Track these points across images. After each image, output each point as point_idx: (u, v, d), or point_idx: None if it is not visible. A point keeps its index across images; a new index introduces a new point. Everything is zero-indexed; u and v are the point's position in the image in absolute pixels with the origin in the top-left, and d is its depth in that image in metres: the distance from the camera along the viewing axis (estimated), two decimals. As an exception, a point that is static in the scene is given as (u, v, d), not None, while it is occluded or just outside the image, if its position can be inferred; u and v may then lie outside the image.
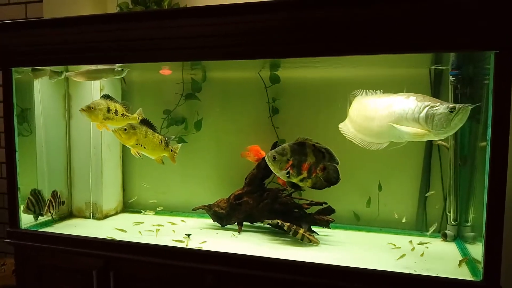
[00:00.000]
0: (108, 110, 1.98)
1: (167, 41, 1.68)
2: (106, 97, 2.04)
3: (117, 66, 2.03)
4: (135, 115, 2.10)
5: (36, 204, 2.13)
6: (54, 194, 2.14)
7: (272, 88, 2.16)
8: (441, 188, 2.01)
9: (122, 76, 2.10)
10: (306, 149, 1.78)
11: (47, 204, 2.10)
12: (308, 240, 1.83)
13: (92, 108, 1.96)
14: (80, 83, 2.25)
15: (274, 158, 1.79)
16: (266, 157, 1.82)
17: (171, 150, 2.08)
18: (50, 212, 2.09)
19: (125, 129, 1.93)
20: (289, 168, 1.77)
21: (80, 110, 1.98)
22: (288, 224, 1.87)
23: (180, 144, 2.15)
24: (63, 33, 1.80)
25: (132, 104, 2.14)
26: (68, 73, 2.12)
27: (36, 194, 2.15)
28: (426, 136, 1.65)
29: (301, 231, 1.84)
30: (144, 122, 2.01)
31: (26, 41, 1.88)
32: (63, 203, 2.20)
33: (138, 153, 1.98)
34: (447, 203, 1.98)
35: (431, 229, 1.95)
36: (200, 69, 2.21)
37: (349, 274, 1.54)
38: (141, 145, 1.97)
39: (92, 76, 2.08)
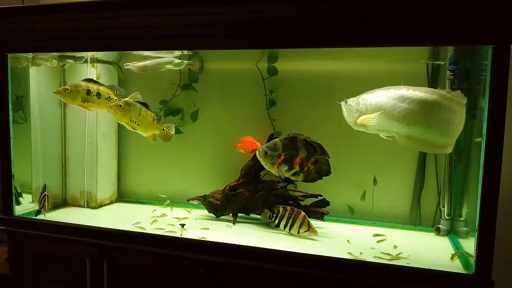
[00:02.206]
0: (88, 92, 1.96)
1: (165, 30, 1.66)
2: (88, 80, 2.00)
3: (176, 58, 2.02)
4: (127, 99, 2.06)
5: None
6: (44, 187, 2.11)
7: (269, 80, 2.16)
8: (436, 182, 2.02)
9: (181, 68, 2.07)
10: (297, 143, 1.78)
11: (43, 198, 2.07)
12: (308, 227, 1.83)
13: (68, 90, 1.93)
14: (76, 70, 2.23)
15: (266, 153, 1.80)
16: (258, 152, 1.82)
17: (163, 129, 2.08)
18: (44, 207, 2.07)
19: (120, 106, 1.92)
20: (281, 163, 1.77)
21: (54, 92, 1.95)
22: (289, 208, 1.87)
23: (173, 124, 2.13)
24: (60, 19, 1.78)
25: (128, 93, 2.12)
26: (126, 64, 2.11)
27: None
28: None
29: (301, 216, 1.84)
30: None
31: (22, 27, 1.86)
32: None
33: (134, 128, 1.98)
34: (441, 198, 1.99)
35: None
36: (198, 60, 2.20)
37: (341, 266, 1.55)
38: (135, 122, 1.97)
39: (152, 68, 2.06)
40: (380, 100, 1.61)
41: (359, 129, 1.68)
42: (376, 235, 1.84)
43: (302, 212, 1.86)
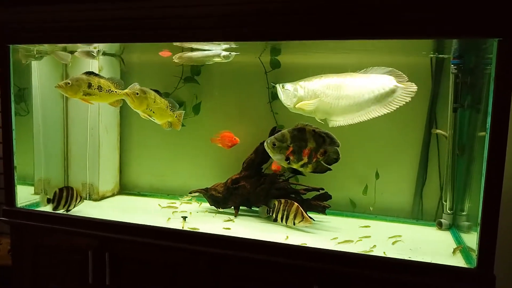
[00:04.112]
0: (89, 85, 1.95)
1: (168, 21, 1.66)
2: (89, 73, 1.99)
3: (223, 51, 2.00)
4: (126, 91, 2.02)
5: None
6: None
7: (272, 73, 2.14)
8: (438, 177, 2.01)
9: (229, 60, 2.04)
10: (306, 134, 1.76)
11: (78, 197, 2.08)
12: (301, 217, 1.83)
13: (69, 84, 1.92)
14: (78, 63, 2.22)
15: (274, 145, 1.78)
16: (266, 144, 1.80)
17: (175, 117, 2.08)
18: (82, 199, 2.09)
19: (137, 93, 1.91)
20: (290, 154, 1.76)
21: (56, 87, 1.95)
22: (284, 201, 1.88)
23: (183, 111, 2.13)
24: (63, 10, 1.78)
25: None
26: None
27: None
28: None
29: (294, 208, 1.84)
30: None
31: (24, 18, 1.85)
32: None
33: (149, 116, 1.98)
34: (443, 192, 1.98)
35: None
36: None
37: (343, 259, 1.55)
38: (151, 110, 1.97)
39: (198, 60, 2.05)
40: (315, 88, 1.83)
41: (296, 111, 1.88)
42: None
43: (295, 203, 1.86)
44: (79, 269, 1.89)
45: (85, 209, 2.10)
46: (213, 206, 2.12)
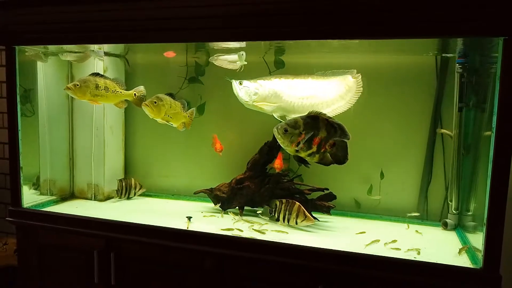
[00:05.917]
0: (97, 87, 1.96)
1: (169, 22, 1.67)
2: (95, 74, 2.00)
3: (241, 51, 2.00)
4: (131, 92, 2.06)
5: None
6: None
7: (276, 73, 2.14)
8: (443, 177, 2.00)
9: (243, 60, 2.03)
10: (319, 123, 1.69)
11: (138, 186, 2.30)
12: (304, 217, 1.82)
13: (78, 85, 1.93)
14: (83, 63, 2.23)
15: (286, 130, 1.69)
16: (275, 129, 1.72)
17: (188, 116, 2.10)
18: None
19: (155, 102, 1.92)
20: (300, 142, 1.69)
21: (65, 89, 1.96)
22: (285, 201, 1.88)
23: (194, 109, 2.14)
24: (67, 11, 1.79)
25: (135, 86, 2.12)
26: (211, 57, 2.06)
27: None
28: None
29: (295, 207, 1.84)
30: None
31: (30, 19, 1.87)
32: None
33: (168, 122, 1.99)
34: (448, 192, 1.97)
35: None
36: (204, 53, 2.20)
37: (348, 259, 1.55)
38: (168, 116, 1.98)
39: (231, 64, 2.04)
40: (276, 87, 1.92)
41: (252, 108, 1.97)
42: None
43: (297, 202, 1.85)
44: (85, 269, 1.90)
45: (90, 210, 2.11)
46: (217, 207, 2.12)
